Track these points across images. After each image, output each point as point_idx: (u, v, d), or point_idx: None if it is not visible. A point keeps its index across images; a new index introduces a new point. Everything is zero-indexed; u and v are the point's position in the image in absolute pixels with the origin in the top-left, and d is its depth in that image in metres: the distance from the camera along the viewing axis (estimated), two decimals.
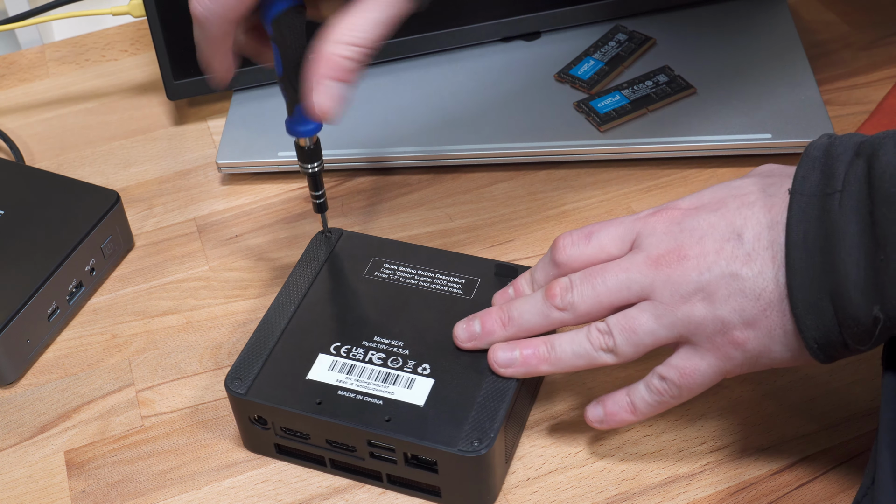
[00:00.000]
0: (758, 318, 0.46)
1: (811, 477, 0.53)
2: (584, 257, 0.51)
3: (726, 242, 0.47)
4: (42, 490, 0.56)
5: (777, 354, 0.47)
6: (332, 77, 0.48)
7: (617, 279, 0.49)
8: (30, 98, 0.83)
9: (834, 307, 0.43)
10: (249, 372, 0.54)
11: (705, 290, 0.47)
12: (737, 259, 0.46)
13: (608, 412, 0.52)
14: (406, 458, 0.51)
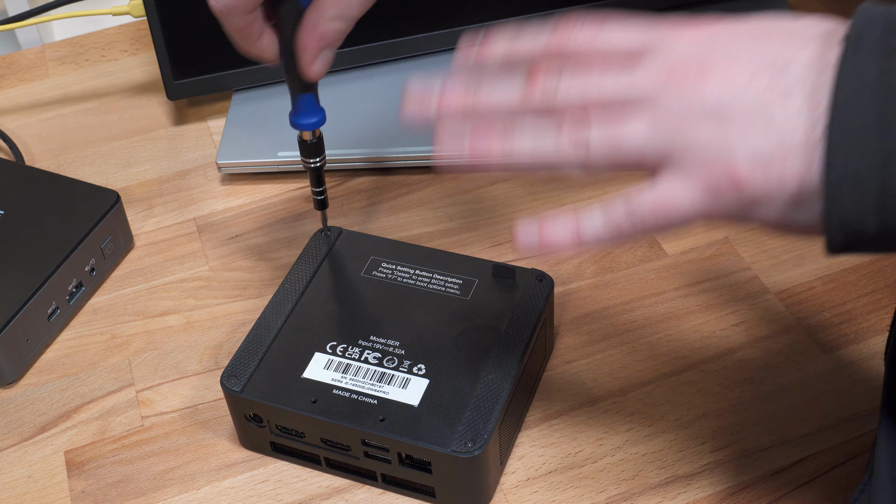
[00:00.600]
0: (773, 161, 0.38)
1: (811, 477, 0.53)
2: (584, 46, 0.42)
3: (765, 70, 0.38)
4: (42, 490, 0.56)
5: (774, 211, 0.39)
6: (326, 47, 0.53)
7: (617, 81, 0.40)
8: (30, 98, 0.83)
9: (882, 181, 0.36)
10: (245, 370, 0.54)
11: (723, 113, 0.38)
12: (773, 90, 0.38)
13: (545, 235, 0.42)
14: (400, 458, 0.51)
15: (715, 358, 0.59)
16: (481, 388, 0.52)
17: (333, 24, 0.52)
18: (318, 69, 0.53)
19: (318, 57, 0.53)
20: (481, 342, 0.54)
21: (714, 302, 0.62)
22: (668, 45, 0.40)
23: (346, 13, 0.51)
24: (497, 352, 0.54)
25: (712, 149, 0.39)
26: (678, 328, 0.61)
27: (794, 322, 0.61)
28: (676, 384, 0.58)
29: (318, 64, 0.53)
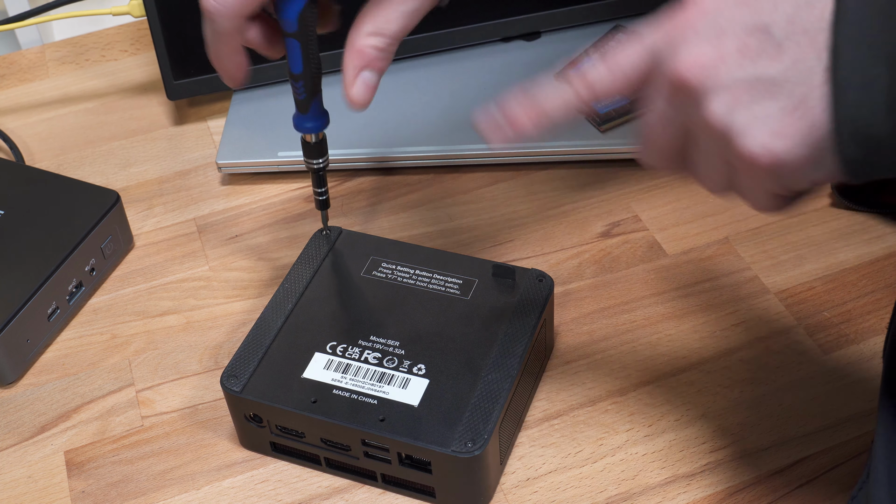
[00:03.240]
0: (788, 119, 0.37)
1: (811, 477, 0.53)
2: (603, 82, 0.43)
3: (750, 37, 0.37)
4: (42, 490, 0.56)
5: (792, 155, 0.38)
6: (366, 67, 0.50)
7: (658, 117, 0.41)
8: (30, 98, 0.83)
9: (891, 79, 0.34)
10: (245, 370, 0.54)
11: (725, 100, 0.38)
12: (762, 56, 0.37)
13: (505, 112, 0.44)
14: (400, 458, 0.51)
15: (715, 358, 0.59)
16: (481, 388, 0.52)
17: (370, 40, 0.49)
18: (358, 92, 0.49)
19: (359, 78, 0.50)
20: (481, 342, 0.54)
21: (714, 302, 0.62)
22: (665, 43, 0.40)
23: (383, 29, 0.49)
24: (497, 352, 0.54)
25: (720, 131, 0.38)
26: (678, 328, 0.61)
27: (794, 322, 0.61)
28: (676, 384, 0.58)
29: (358, 86, 0.50)
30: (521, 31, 0.79)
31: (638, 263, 0.65)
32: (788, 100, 0.37)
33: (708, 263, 0.65)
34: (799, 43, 0.37)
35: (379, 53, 0.49)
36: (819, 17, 0.36)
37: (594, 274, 0.64)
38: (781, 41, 0.37)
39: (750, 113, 0.38)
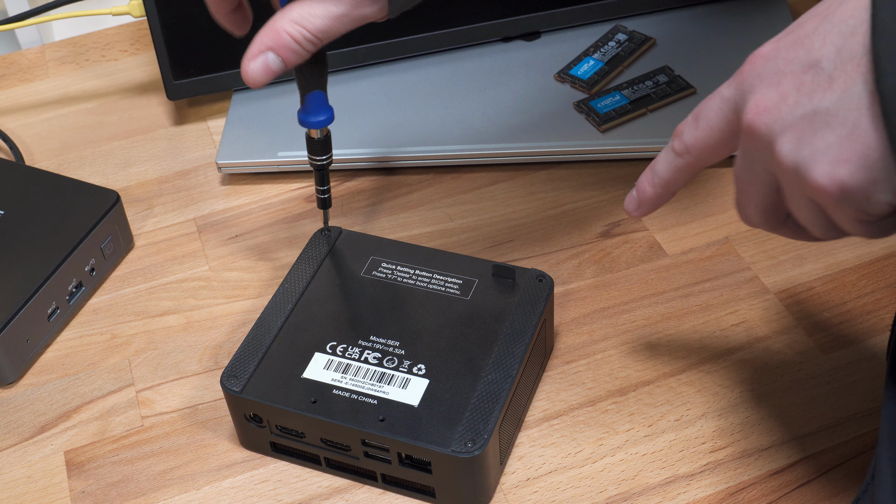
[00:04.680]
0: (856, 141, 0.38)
1: (811, 477, 0.53)
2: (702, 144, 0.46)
3: (804, 74, 0.39)
4: (42, 490, 0.56)
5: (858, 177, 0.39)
6: (273, 49, 0.50)
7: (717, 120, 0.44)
8: (30, 98, 0.83)
9: None
10: (245, 370, 0.54)
11: (791, 137, 0.39)
12: (817, 90, 0.39)
13: (637, 190, 0.48)
14: (400, 458, 0.51)
15: (715, 358, 0.59)
16: (481, 388, 0.52)
17: (289, 26, 0.49)
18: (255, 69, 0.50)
19: (262, 55, 0.50)
20: (481, 342, 0.54)
21: (714, 302, 0.62)
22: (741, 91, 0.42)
23: (305, 21, 0.49)
24: (497, 352, 0.54)
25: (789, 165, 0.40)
26: (678, 328, 0.61)
27: (794, 322, 0.61)
28: (676, 384, 0.58)
29: (259, 62, 0.50)
30: (521, 31, 0.79)
31: (638, 263, 0.65)
32: (843, 127, 0.38)
33: (708, 263, 0.65)
34: (846, 71, 0.38)
35: (291, 43, 0.49)
36: (861, 42, 0.38)
37: (594, 274, 0.64)
38: (831, 73, 0.38)
39: (812, 146, 0.39)
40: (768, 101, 0.40)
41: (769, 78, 0.41)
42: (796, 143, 0.39)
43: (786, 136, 0.40)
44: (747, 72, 0.42)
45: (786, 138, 0.40)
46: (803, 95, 0.39)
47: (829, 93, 0.38)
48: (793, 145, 0.39)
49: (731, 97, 0.43)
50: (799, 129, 0.39)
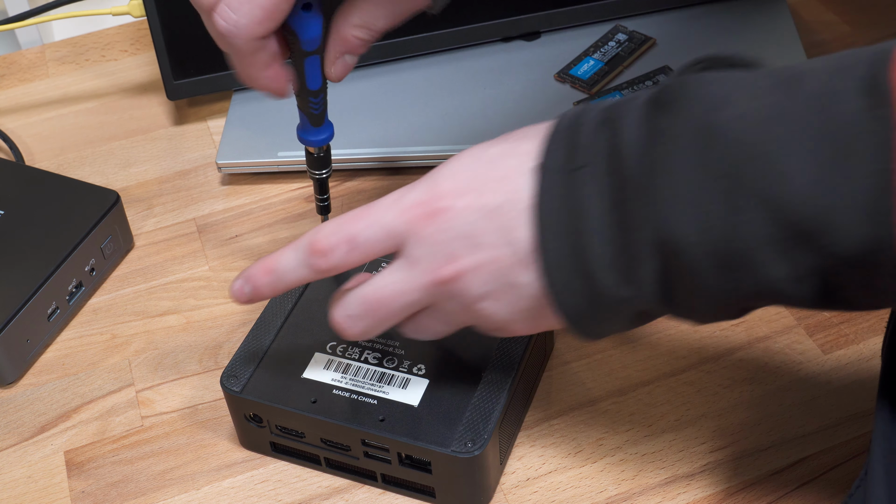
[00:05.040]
0: (544, 313, 0.45)
1: (811, 477, 0.53)
2: (349, 267, 0.47)
3: (501, 250, 0.44)
4: (42, 490, 0.56)
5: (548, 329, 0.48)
6: (347, 52, 0.53)
7: (400, 305, 0.46)
8: (30, 98, 0.83)
9: (587, 287, 0.42)
10: (245, 370, 0.54)
11: (489, 298, 0.45)
12: (514, 268, 0.44)
13: (252, 284, 0.49)
14: (400, 458, 0.51)
15: (715, 358, 0.59)
16: (481, 388, 0.52)
17: (356, 31, 0.51)
18: (337, 72, 0.53)
19: (339, 60, 0.53)
20: (481, 342, 0.54)
21: None
22: (414, 241, 0.45)
23: (370, 23, 0.51)
24: (497, 352, 0.53)
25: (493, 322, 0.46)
26: (678, 328, 0.61)
27: (794, 322, 0.61)
28: (676, 384, 0.58)
29: (338, 67, 0.53)
30: (521, 31, 0.79)
31: None
32: (536, 301, 0.44)
33: None
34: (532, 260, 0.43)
35: (361, 43, 0.52)
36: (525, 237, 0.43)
37: None
38: (524, 258, 0.43)
39: (514, 309, 0.45)
40: (463, 266, 0.44)
41: (460, 241, 0.44)
42: (496, 306, 0.45)
43: (486, 300, 0.45)
44: (423, 222, 0.45)
45: (487, 302, 0.45)
46: (500, 269, 0.44)
47: (525, 273, 0.43)
48: (495, 308, 0.45)
49: (399, 232, 0.45)
50: (498, 296, 0.45)
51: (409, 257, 0.45)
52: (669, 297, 0.41)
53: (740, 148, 0.38)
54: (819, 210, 0.36)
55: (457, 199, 0.44)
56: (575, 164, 0.42)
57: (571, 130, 0.43)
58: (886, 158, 0.35)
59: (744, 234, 0.38)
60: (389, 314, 0.47)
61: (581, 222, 0.41)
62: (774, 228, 0.38)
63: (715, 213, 0.38)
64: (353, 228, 0.46)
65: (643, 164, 0.40)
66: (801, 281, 0.39)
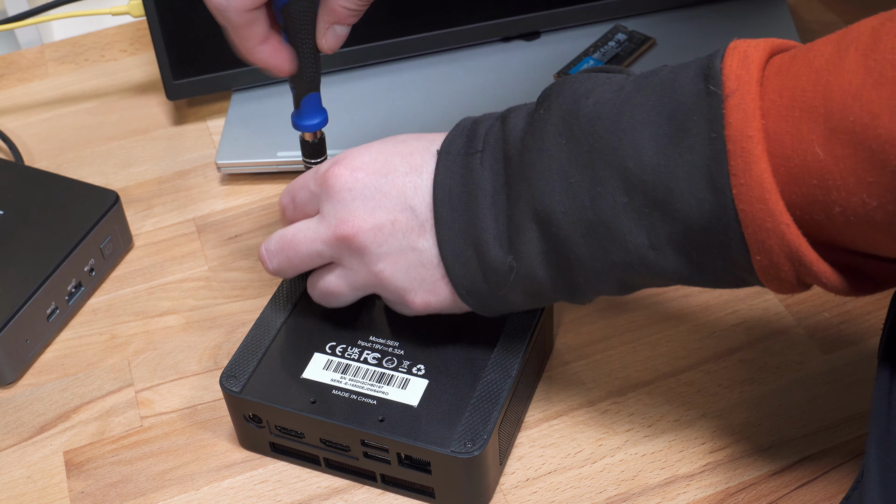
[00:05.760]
0: (438, 285, 0.50)
1: (811, 477, 0.53)
2: (294, 220, 0.54)
3: (400, 213, 0.49)
4: (41, 490, 0.56)
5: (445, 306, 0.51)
6: (336, 22, 0.53)
7: (307, 251, 0.52)
8: (29, 98, 0.83)
9: (477, 257, 0.47)
10: (244, 370, 0.54)
11: (387, 259, 0.50)
12: (412, 231, 0.49)
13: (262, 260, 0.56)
14: (399, 458, 0.51)
15: (715, 358, 0.59)
16: (481, 389, 0.52)
17: (343, 1, 0.52)
18: (329, 42, 0.53)
19: (329, 31, 0.53)
20: (481, 342, 0.54)
21: (714, 302, 0.62)
22: (325, 197, 0.51)
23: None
24: (497, 352, 0.53)
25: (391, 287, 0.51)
26: (678, 328, 0.61)
27: (794, 322, 0.61)
28: (676, 384, 0.58)
29: (329, 37, 0.53)
30: (521, 31, 0.79)
31: None
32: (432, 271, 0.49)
33: None
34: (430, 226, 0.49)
35: (350, 13, 0.53)
36: None
37: None
38: (423, 222, 0.49)
39: (410, 276, 0.50)
40: (362, 223, 0.49)
41: (361, 201, 0.49)
42: (394, 268, 0.50)
43: (385, 261, 0.50)
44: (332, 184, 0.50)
45: (385, 263, 0.50)
46: (398, 231, 0.49)
47: (423, 239, 0.49)
48: (392, 270, 0.50)
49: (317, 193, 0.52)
50: (395, 258, 0.49)
51: (321, 212, 0.51)
52: (552, 269, 0.46)
53: (598, 126, 0.43)
54: (664, 177, 0.41)
55: (364, 165, 0.50)
56: (472, 149, 0.48)
57: (472, 124, 0.49)
58: (718, 128, 0.39)
59: (604, 204, 0.43)
60: (299, 257, 0.52)
61: (473, 198, 0.47)
62: (629, 197, 0.42)
63: (578, 184, 0.43)
64: (293, 189, 0.54)
65: (522, 146, 0.46)
66: (659, 249, 0.42)
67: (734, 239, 0.40)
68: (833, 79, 0.37)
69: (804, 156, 0.38)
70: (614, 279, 0.45)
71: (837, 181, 0.37)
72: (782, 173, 0.38)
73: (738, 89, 0.39)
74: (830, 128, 0.37)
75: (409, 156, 0.50)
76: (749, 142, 0.38)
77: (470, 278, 0.48)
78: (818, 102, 0.37)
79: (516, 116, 0.47)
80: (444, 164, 0.48)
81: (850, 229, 0.39)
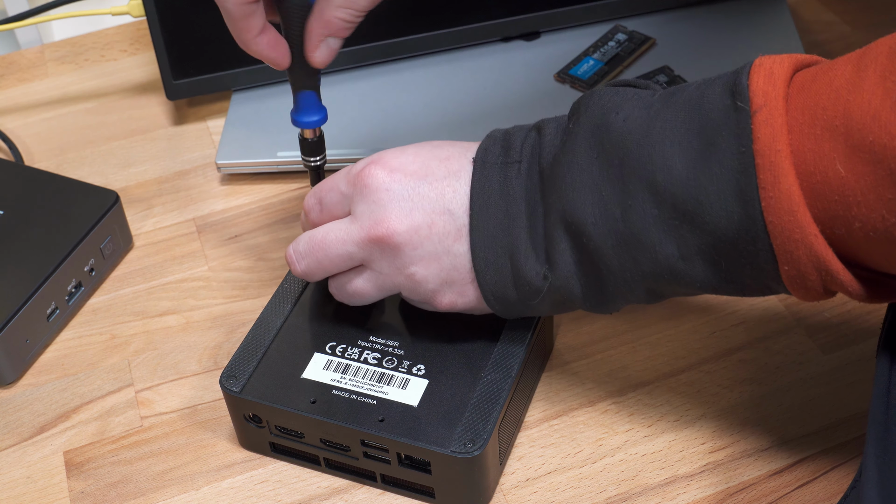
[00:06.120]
0: (467, 288, 0.50)
1: (811, 477, 0.53)
2: (321, 222, 0.54)
3: (438, 217, 0.49)
4: (41, 490, 0.56)
5: (470, 307, 0.52)
6: (331, 35, 0.53)
7: (338, 253, 0.52)
8: (29, 98, 0.83)
9: (511, 266, 0.48)
10: (244, 370, 0.54)
11: (421, 262, 0.50)
12: (449, 235, 0.49)
13: None
14: (399, 458, 0.51)
15: (715, 358, 0.59)
16: (481, 389, 0.52)
17: (339, 12, 0.52)
18: (321, 56, 0.53)
19: (323, 44, 0.53)
20: (481, 342, 0.54)
21: (714, 302, 0.62)
22: (359, 198, 0.50)
23: (353, 4, 0.52)
24: (497, 352, 0.53)
25: (422, 291, 0.51)
26: (678, 328, 0.61)
27: (793, 322, 0.61)
28: (676, 384, 0.58)
29: (322, 51, 0.53)
30: (521, 31, 0.79)
31: None
32: (463, 274, 0.50)
33: None
34: (467, 231, 0.49)
35: (345, 24, 0.53)
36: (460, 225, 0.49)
37: None
38: (460, 227, 0.49)
39: (441, 280, 0.50)
40: (399, 224, 0.49)
41: (398, 202, 0.49)
42: (427, 271, 0.50)
43: (419, 264, 0.50)
44: (367, 184, 0.50)
45: (419, 266, 0.50)
46: (434, 234, 0.49)
47: (458, 243, 0.49)
48: (425, 273, 0.50)
49: (348, 194, 0.51)
50: (429, 261, 0.49)
51: (354, 213, 0.51)
52: (583, 279, 0.47)
53: (628, 141, 0.44)
54: (693, 191, 0.42)
55: (403, 166, 0.50)
56: (510, 159, 0.48)
57: (506, 135, 0.50)
58: (747, 143, 0.40)
59: (635, 216, 0.44)
60: (328, 259, 0.52)
61: (511, 208, 0.47)
62: (659, 209, 0.43)
63: (609, 197, 0.44)
64: (320, 191, 0.53)
65: (555, 158, 0.46)
66: (689, 259, 0.44)
67: (763, 250, 0.41)
68: (853, 98, 0.38)
69: (826, 172, 0.39)
70: (643, 289, 0.46)
71: (858, 197, 0.38)
72: (806, 188, 0.40)
73: (765, 105, 0.40)
74: (851, 146, 0.38)
75: (447, 160, 0.50)
76: (777, 156, 0.39)
77: (501, 286, 0.49)
78: (839, 122, 0.39)
79: (550, 130, 0.48)
80: (480, 172, 0.49)
81: (870, 245, 0.40)
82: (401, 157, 0.51)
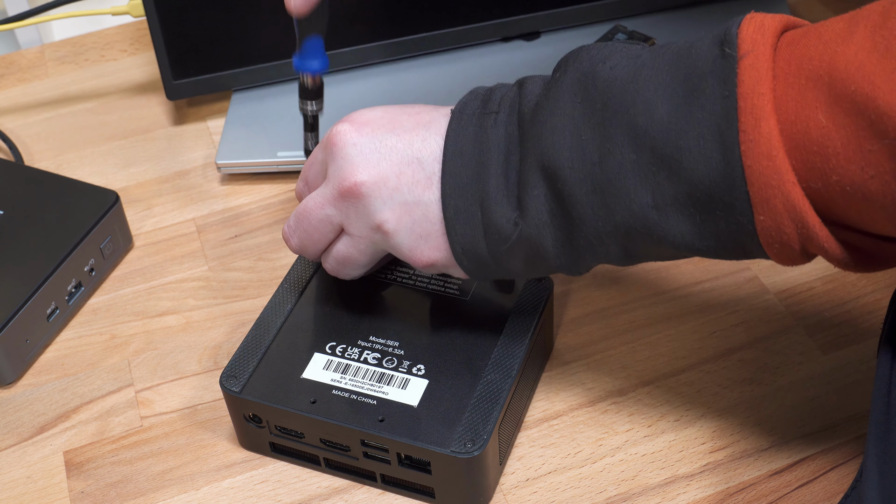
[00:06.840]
0: (440, 241, 0.49)
1: (811, 477, 0.53)
2: (307, 193, 0.55)
3: (406, 166, 0.49)
4: (41, 490, 0.56)
5: (448, 264, 0.50)
6: None
7: (318, 217, 0.52)
8: (29, 98, 0.83)
9: (482, 213, 0.47)
10: (244, 370, 0.54)
11: (390, 212, 0.49)
12: (419, 184, 0.48)
13: None
14: (399, 458, 0.51)
15: (715, 358, 0.59)
16: (481, 389, 0.52)
17: None
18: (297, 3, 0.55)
19: None
20: (481, 342, 0.54)
21: (714, 302, 0.62)
22: (330, 157, 0.50)
23: None
24: (497, 352, 0.53)
25: (397, 245, 0.50)
26: (678, 328, 0.61)
27: (793, 322, 0.61)
28: (676, 384, 0.58)
29: None
30: (521, 31, 0.79)
31: None
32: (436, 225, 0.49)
33: (708, 263, 0.64)
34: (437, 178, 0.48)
35: None
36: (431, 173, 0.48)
37: (594, 274, 0.64)
38: (430, 174, 0.48)
39: (414, 232, 0.49)
40: (365, 175, 0.49)
41: (365, 155, 0.49)
42: (398, 222, 0.49)
43: (387, 213, 0.49)
44: (336, 143, 0.50)
45: (388, 215, 0.49)
46: (403, 184, 0.48)
47: (429, 192, 0.48)
48: (395, 224, 0.49)
49: (322, 159, 0.52)
50: (400, 212, 0.49)
51: (328, 175, 0.51)
52: (555, 230, 0.46)
53: (612, 86, 0.43)
54: (674, 136, 0.41)
55: (370, 121, 0.50)
56: (488, 110, 0.48)
57: (487, 90, 0.49)
58: (731, 87, 0.40)
59: (612, 161, 0.43)
60: (312, 227, 0.52)
61: (485, 155, 0.47)
62: (637, 154, 0.42)
63: (589, 141, 0.44)
64: (304, 170, 0.55)
65: (537, 104, 0.46)
66: (663, 209, 0.43)
67: (739, 199, 0.40)
68: (840, 49, 0.38)
69: (807, 121, 0.38)
70: (616, 243, 0.45)
71: (837, 148, 0.38)
72: (787, 136, 0.39)
73: (752, 51, 0.40)
74: (834, 95, 0.38)
75: (418, 114, 0.50)
76: (760, 99, 0.39)
77: (470, 235, 0.48)
78: (823, 71, 0.38)
79: (533, 82, 0.47)
80: (457, 122, 0.48)
81: (846, 201, 0.39)
82: (369, 114, 0.51)
